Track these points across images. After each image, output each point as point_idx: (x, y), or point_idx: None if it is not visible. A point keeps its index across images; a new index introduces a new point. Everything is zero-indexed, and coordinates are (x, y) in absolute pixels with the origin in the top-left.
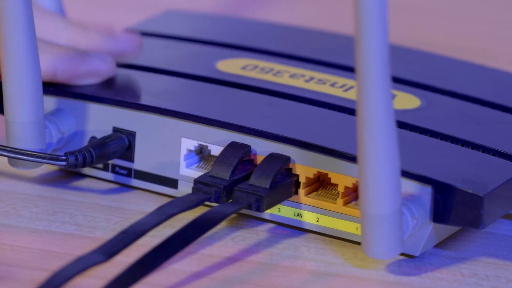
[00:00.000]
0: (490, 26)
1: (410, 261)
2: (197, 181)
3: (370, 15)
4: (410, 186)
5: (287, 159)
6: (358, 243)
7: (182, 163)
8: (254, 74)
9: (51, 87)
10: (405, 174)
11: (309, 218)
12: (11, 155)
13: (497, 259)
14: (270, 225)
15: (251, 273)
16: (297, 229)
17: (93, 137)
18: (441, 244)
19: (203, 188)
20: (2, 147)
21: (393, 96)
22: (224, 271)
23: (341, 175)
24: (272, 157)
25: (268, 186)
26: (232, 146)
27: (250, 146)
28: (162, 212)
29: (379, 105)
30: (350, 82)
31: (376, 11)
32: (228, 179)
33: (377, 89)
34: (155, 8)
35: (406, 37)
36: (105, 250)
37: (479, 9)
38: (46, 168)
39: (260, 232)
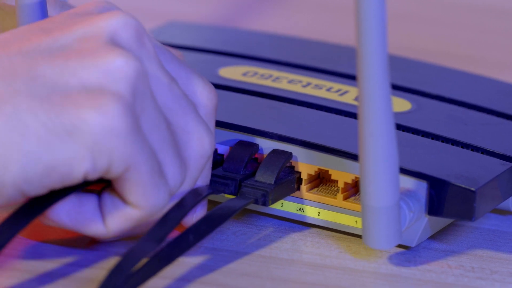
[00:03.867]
0: (478, 33)
1: (400, 254)
2: (213, 174)
3: (370, 25)
4: (407, 182)
5: (289, 154)
6: (356, 236)
7: None
8: (254, 80)
9: None
10: (402, 170)
11: (310, 212)
12: None
13: (482, 252)
14: (270, 220)
15: (251, 265)
16: (299, 223)
17: None
18: (430, 238)
19: (219, 180)
20: None
21: None
22: (226, 263)
23: (340, 171)
24: (275, 153)
25: (273, 182)
26: (241, 145)
27: (258, 144)
28: (194, 195)
29: (379, 107)
30: (344, 87)
31: (375, 20)
32: (241, 173)
33: (378, 92)
34: (159, 19)
35: (398, 43)
36: (154, 237)
37: (467, 17)
38: None
39: (260, 226)
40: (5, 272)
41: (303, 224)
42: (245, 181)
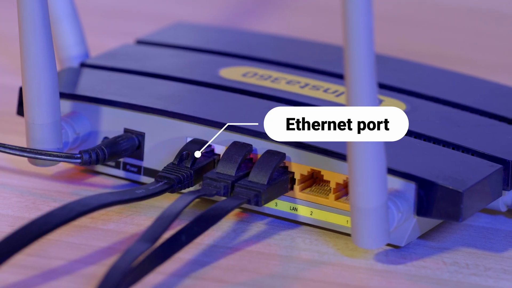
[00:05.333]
0: (473, 36)
1: (396, 251)
2: (206, 177)
3: (356, 26)
4: (396, 183)
5: (282, 155)
6: (349, 235)
7: None
8: (253, 81)
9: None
10: (392, 171)
11: (303, 211)
12: (31, 155)
13: (476, 249)
14: (269, 219)
15: (250, 262)
16: (292, 222)
17: (105, 138)
18: (425, 235)
19: (212, 183)
20: (22, 149)
21: (381, 101)
22: (226, 260)
23: (333, 172)
24: (269, 154)
25: (266, 182)
26: (235, 145)
27: (251, 145)
28: (186, 197)
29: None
30: (341, 88)
31: (362, 21)
32: (234, 175)
33: (364, 93)
34: (165, 20)
35: (394, 45)
36: (148, 237)
37: (462, 20)
38: (63, 166)
39: (260, 224)
40: (11, 269)
41: (300, 223)
42: (239, 182)
